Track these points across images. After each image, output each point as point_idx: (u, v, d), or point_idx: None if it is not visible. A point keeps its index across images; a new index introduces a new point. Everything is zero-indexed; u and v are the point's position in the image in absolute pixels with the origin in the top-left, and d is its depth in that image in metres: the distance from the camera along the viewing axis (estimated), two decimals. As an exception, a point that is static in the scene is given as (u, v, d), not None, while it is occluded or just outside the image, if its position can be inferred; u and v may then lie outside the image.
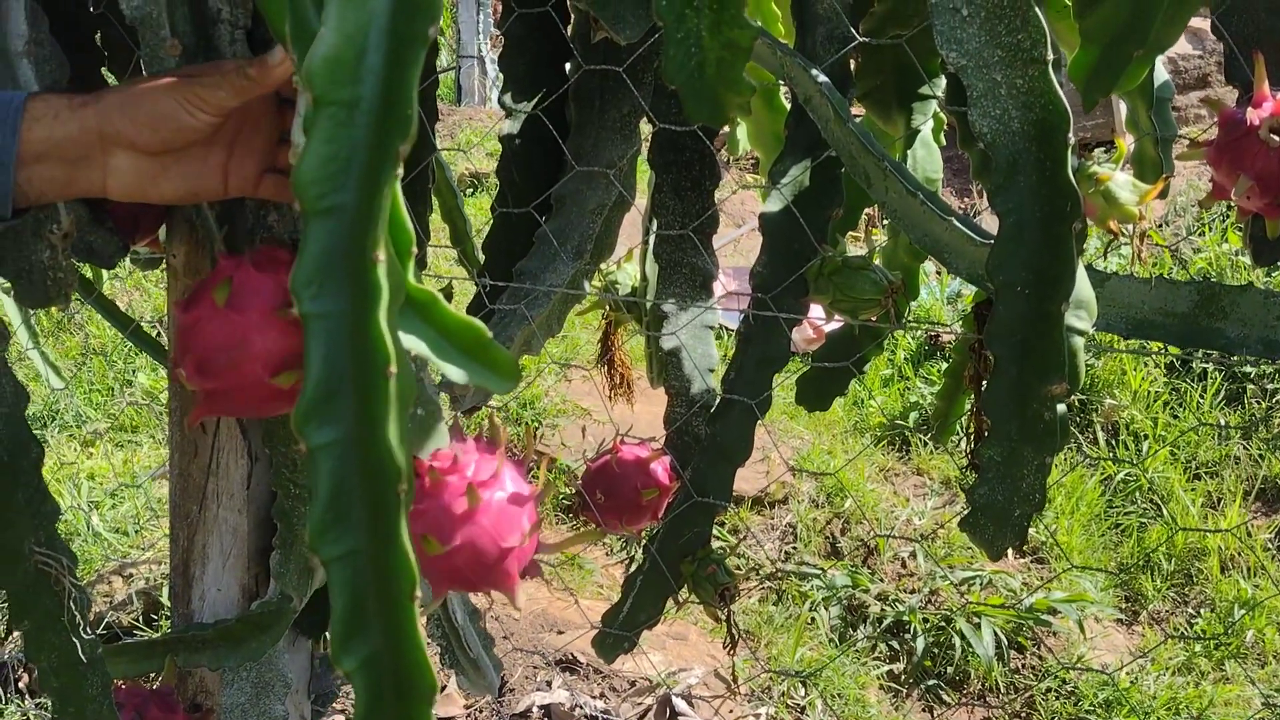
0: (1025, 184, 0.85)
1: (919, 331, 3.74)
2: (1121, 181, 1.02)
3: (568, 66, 1.46)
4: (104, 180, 0.83)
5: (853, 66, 1.32)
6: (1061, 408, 0.87)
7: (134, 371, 3.77)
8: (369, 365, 0.62)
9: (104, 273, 2.20)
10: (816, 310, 1.27)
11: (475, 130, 6.00)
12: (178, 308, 0.87)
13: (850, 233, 1.46)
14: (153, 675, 1.30)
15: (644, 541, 1.41)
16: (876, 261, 1.23)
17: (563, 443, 3.28)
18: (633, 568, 1.38)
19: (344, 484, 0.63)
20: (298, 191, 0.62)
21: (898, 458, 3.49)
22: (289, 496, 1.15)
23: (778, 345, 1.21)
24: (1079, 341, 0.88)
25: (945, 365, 3.78)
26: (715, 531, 1.40)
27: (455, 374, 0.70)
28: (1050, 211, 0.85)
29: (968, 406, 1.61)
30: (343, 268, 0.63)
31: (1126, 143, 1.12)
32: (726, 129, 1.94)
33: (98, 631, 2.37)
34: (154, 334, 2.06)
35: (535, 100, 1.45)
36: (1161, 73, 1.36)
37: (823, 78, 1.10)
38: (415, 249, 0.68)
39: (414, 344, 0.69)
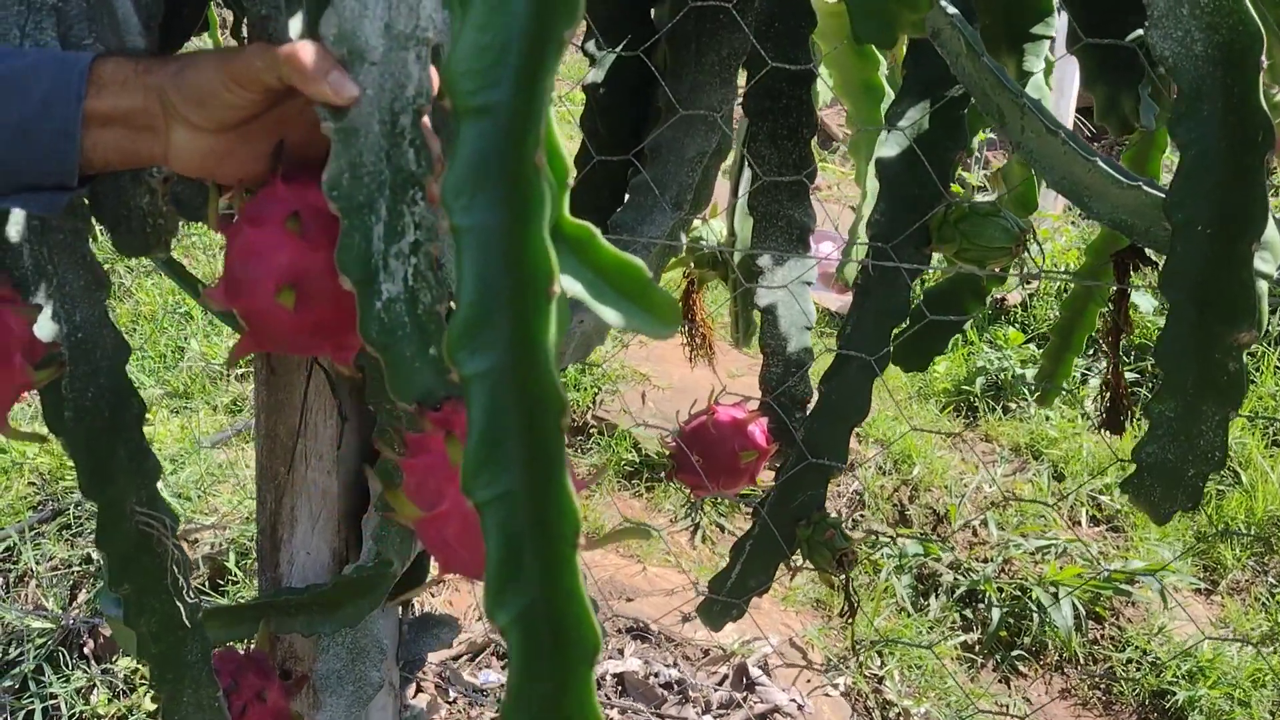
0: (1210, 112, 0.78)
1: (1044, 282, 3.57)
2: (1309, 110, 0.94)
3: (653, 12, 1.39)
4: (165, 153, 0.76)
5: None
6: (1245, 357, 0.79)
7: (186, 338, 3.75)
8: (529, 284, 0.54)
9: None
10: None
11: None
12: (221, 229, 0.77)
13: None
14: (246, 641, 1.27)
15: (712, 505, 1.36)
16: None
17: (624, 408, 3.23)
18: (697, 535, 1.32)
19: (500, 418, 0.55)
20: (449, 86, 0.54)
21: (965, 424, 3.41)
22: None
23: (898, 298, 1.15)
24: (1263, 286, 0.81)
25: (1012, 329, 3.68)
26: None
27: (612, 317, 0.64)
28: (1238, 141, 0.77)
29: (1075, 365, 1.54)
30: (499, 174, 0.54)
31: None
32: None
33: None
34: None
35: (620, 46, 1.39)
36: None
37: (953, 9, 1.02)
38: (570, 179, 0.62)
39: (569, 285, 0.63)
